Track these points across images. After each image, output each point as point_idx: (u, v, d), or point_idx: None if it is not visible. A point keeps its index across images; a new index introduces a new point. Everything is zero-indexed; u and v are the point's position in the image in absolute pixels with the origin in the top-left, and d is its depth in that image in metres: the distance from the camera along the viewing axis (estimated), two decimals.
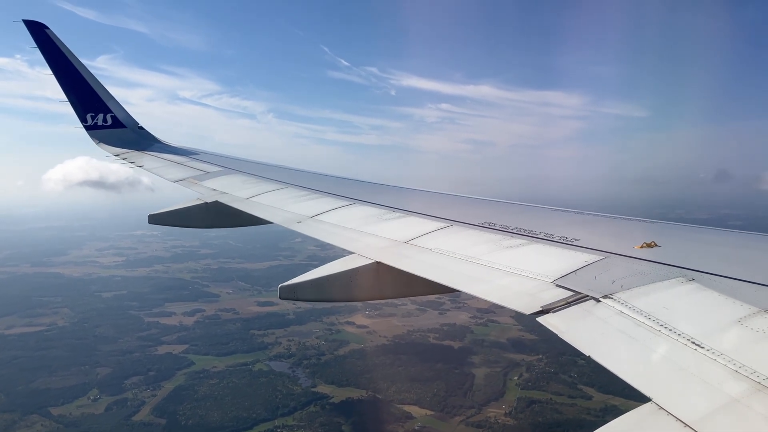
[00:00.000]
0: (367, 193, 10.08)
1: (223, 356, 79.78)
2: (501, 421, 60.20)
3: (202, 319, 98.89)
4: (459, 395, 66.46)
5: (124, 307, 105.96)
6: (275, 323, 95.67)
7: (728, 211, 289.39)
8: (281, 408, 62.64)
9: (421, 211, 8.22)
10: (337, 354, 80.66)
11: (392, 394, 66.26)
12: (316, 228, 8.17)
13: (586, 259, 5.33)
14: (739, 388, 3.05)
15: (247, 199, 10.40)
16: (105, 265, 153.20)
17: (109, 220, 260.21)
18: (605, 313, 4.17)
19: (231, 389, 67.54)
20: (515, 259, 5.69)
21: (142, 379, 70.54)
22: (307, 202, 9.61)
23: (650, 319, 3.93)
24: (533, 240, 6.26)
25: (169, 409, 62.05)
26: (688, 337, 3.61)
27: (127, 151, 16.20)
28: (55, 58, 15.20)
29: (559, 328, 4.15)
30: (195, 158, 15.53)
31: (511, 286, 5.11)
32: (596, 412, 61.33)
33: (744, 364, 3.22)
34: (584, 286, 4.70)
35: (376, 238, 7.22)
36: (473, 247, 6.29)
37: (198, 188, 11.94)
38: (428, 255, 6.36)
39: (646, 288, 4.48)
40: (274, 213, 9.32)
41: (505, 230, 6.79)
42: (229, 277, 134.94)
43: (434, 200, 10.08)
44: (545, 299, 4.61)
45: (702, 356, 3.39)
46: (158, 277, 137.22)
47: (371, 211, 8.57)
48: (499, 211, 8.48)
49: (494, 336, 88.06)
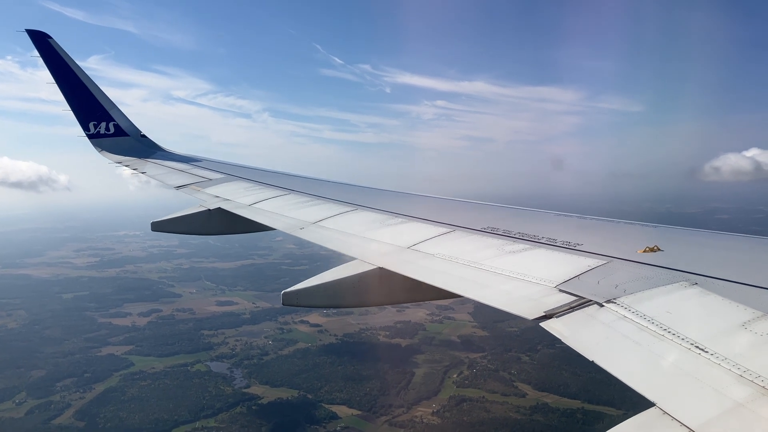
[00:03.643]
0: (369, 198, 10.19)
1: (165, 357, 78.71)
2: (426, 420, 58.94)
3: (156, 320, 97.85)
4: (392, 395, 65.22)
5: (81, 308, 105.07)
6: (228, 323, 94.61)
7: (718, 205, 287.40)
8: (206, 409, 61.53)
9: (424, 217, 8.24)
10: (281, 354, 79.53)
11: (323, 394, 65.10)
12: (318, 234, 8.19)
13: (589, 264, 5.35)
14: (743, 392, 3.04)
15: (249, 205, 10.49)
16: (77, 266, 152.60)
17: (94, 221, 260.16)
18: (609, 318, 4.19)
19: (161, 391, 66.48)
20: (518, 264, 5.70)
21: (74, 382, 69.49)
22: (310, 208, 9.68)
23: (654, 324, 3.94)
24: (536, 245, 6.28)
25: (92, 411, 61.02)
26: (692, 342, 3.62)
27: (129, 159, 16.46)
28: (57, 67, 15.39)
29: (562, 333, 4.13)
30: (197, 165, 15.70)
31: (514, 291, 5.13)
32: (525, 410, 60.10)
33: (748, 369, 3.21)
34: (587, 290, 4.72)
35: (379, 244, 7.25)
36: (476, 252, 6.29)
37: (201, 195, 12.15)
38: (431, 260, 6.36)
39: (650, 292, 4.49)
40: (277, 219, 9.40)
41: (508, 235, 6.80)
42: (197, 277, 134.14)
43: (436, 205, 10.11)
44: (548, 304, 4.61)
45: (706, 361, 3.40)
46: (126, 277, 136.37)
47: (373, 216, 8.61)
48: (501, 215, 8.53)
49: (446, 333, 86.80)
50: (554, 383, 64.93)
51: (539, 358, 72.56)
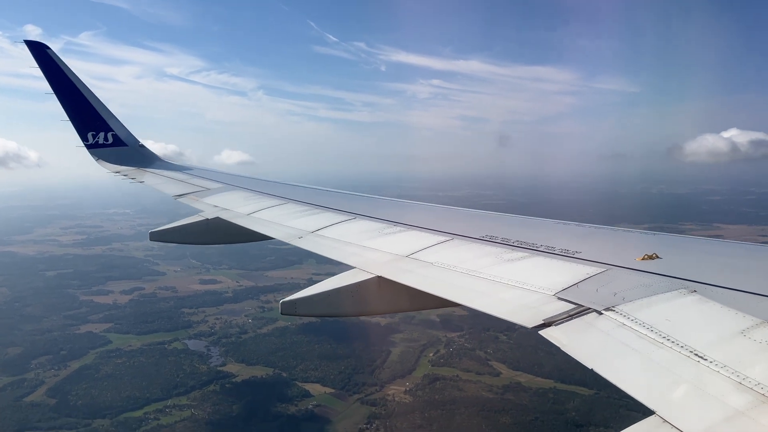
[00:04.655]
0: (367, 207, 10.27)
1: (143, 335, 78.53)
2: (398, 398, 59.04)
3: (138, 298, 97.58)
4: (366, 373, 65.35)
5: (64, 286, 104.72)
6: (210, 301, 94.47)
7: (710, 187, 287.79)
8: (179, 387, 61.48)
9: (422, 225, 8.29)
10: (260, 332, 79.49)
11: (298, 373, 65.16)
12: (317, 243, 8.23)
13: (588, 272, 5.37)
14: (743, 400, 3.04)
15: (248, 215, 10.57)
16: (62, 244, 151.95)
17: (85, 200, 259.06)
18: (607, 326, 4.18)
19: (135, 368, 66.39)
20: (517, 273, 5.72)
21: (50, 359, 69.27)
22: (308, 217, 9.75)
23: (653, 332, 3.93)
24: (535, 253, 6.31)
25: (64, 389, 60.89)
26: (691, 349, 3.63)
27: (128, 168, 16.70)
28: (56, 77, 15.47)
29: (561, 341, 4.13)
30: (196, 175, 15.90)
31: (513, 300, 5.13)
32: (498, 389, 60.31)
33: (748, 376, 3.22)
34: (586, 298, 4.72)
35: (378, 253, 7.26)
36: (475, 261, 6.32)
37: (199, 204, 12.25)
38: (430, 269, 6.38)
39: (648, 300, 4.49)
40: (275, 228, 9.45)
41: (507, 243, 6.83)
42: (182, 255, 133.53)
43: (435, 214, 10.28)
44: (547, 312, 4.61)
45: (705, 368, 3.40)
46: (111, 255, 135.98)
47: (372, 225, 8.66)
48: (500, 223, 8.64)
49: (426, 313, 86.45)
50: (529, 363, 65.05)
51: (516, 338, 72.56)
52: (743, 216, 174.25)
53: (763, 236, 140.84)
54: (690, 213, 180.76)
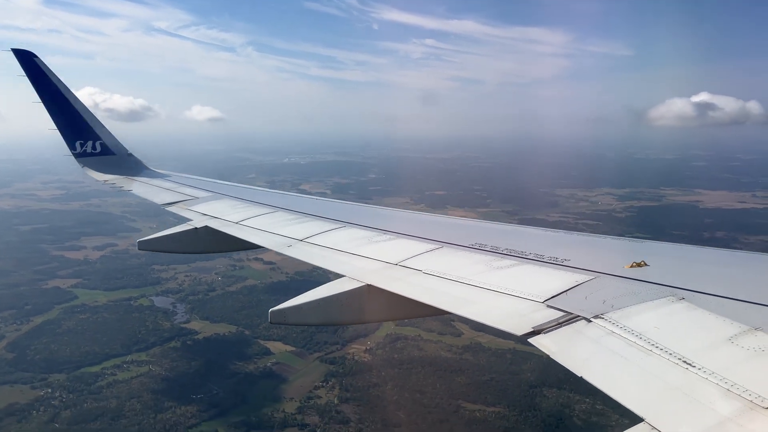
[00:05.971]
0: (356, 215, 10.29)
1: (110, 291, 78.33)
2: (357, 357, 59.42)
3: (110, 254, 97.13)
4: (329, 332, 65.46)
5: (37, 241, 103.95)
6: (181, 258, 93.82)
7: (696, 152, 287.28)
8: (140, 343, 61.53)
9: (412, 233, 8.31)
10: (228, 290, 79.42)
11: (261, 331, 65.17)
12: (306, 251, 8.26)
13: (577, 279, 5.41)
14: (731, 406, 3.05)
15: (237, 223, 10.56)
16: (41, 198, 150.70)
17: None
18: (596, 333, 4.21)
19: (97, 324, 66.26)
20: (506, 280, 5.74)
21: (13, 314, 68.98)
22: (297, 225, 9.77)
23: (641, 339, 3.95)
24: (524, 261, 6.36)
25: (24, 344, 60.75)
26: (680, 356, 3.62)
27: (116, 177, 16.62)
28: (43, 86, 15.36)
29: (550, 349, 4.19)
30: (184, 184, 15.91)
31: (502, 308, 5.19)
32: (457, 350, 60.75)
33: (736, 383, 3.24)
34: (575, 306, 4.76)
35: (367, 261, 7.28)
36: (464, 269, 6.33)
37: (188, 213, 12.20)
38: (419, 277, 6.38)
39: (637, 307, 4.51)
40: (265, 237, 9.39)
41: (496, 251, 6.85)
42: (160, 212, 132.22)
43: (424, 222, 10.36)
44: (536, 320, 4.66)
45: (694, 375, 3.41)
46: (88, 210, 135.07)
47: (361, 233, 8.70)
48: (488, 232, 8.68)
49: None
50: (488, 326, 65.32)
51: None
52: (724, 182, 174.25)
53: (741, 203, 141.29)
54: (671, 179, 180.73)
